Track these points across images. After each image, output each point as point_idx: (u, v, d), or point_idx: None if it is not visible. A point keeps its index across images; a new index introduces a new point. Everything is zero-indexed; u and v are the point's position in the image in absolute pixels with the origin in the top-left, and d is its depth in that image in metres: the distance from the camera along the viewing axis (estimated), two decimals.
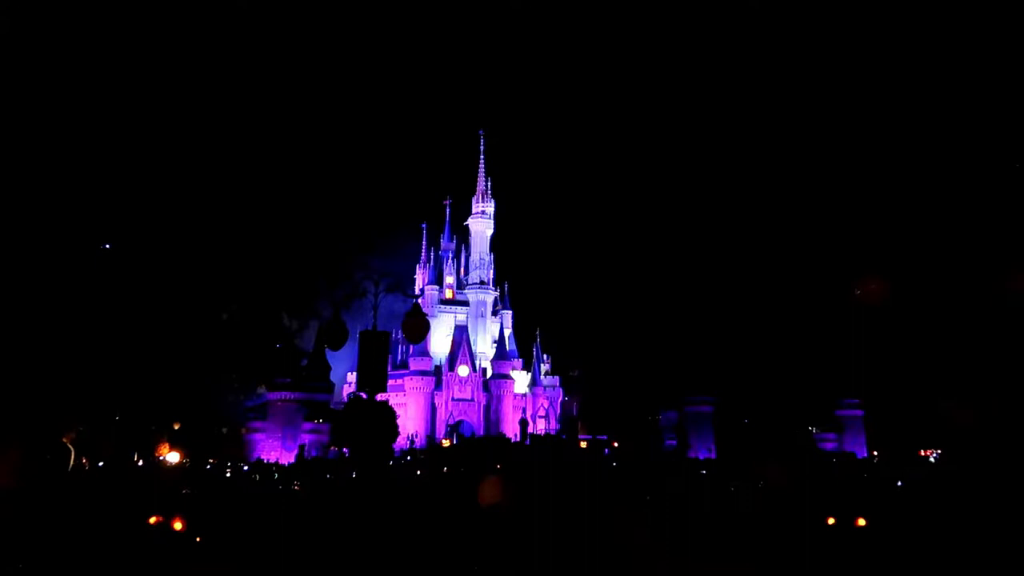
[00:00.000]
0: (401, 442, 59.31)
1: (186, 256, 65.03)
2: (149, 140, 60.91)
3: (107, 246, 47.90)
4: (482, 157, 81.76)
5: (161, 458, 44.55)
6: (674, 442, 65.81)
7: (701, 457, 52.70)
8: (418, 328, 15.45)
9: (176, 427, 53.88)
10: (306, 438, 60.34)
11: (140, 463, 43.98)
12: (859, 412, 67.26)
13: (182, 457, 44.46)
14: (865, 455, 57.50)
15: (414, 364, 69.74)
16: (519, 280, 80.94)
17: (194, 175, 68.41)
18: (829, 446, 63.50)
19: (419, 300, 72.41)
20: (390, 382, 64.79)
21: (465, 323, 74.77)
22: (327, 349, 58.37)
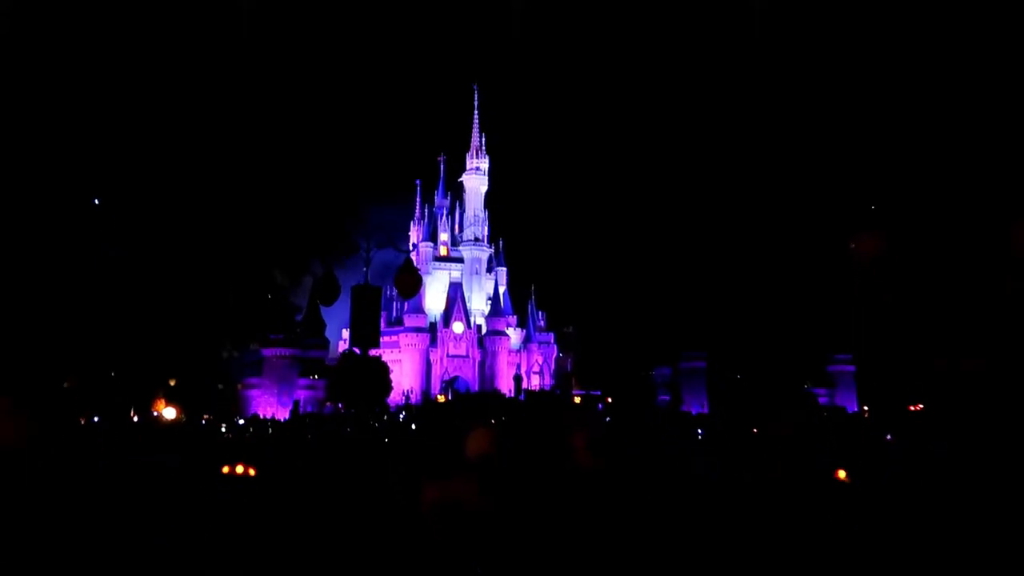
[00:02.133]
0: (396, 398, 59.78)
1: (179, 212, 64.53)
2: (137, 94, 59.90)
3: (96, 201, 47.43)
4: (476, 112, 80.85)
5: (157, 414, 44.79)
6: (667, 397, 66.45)
7: (694, 412, 53.23)
8: (410, 283, 15.36)
9: (172, 383, 54.07)
10: (301, 394, 60.73)
11: (136, 419, 44.22)
12: (851, 368, 67.93)
13: (178, 413, 44.70)
14: (856, 410, 58.15)
15: (409, 321, 69.91)
16: (514, 237, 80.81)
17: (187, 130, 67.50)
18: (821, 401, 64.23)
19: (412, 256, 72.32)
20: (385, 339, 65.03)
21: (460, 280, 74.82)
22: (321, 305, 58.35)
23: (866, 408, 57.70)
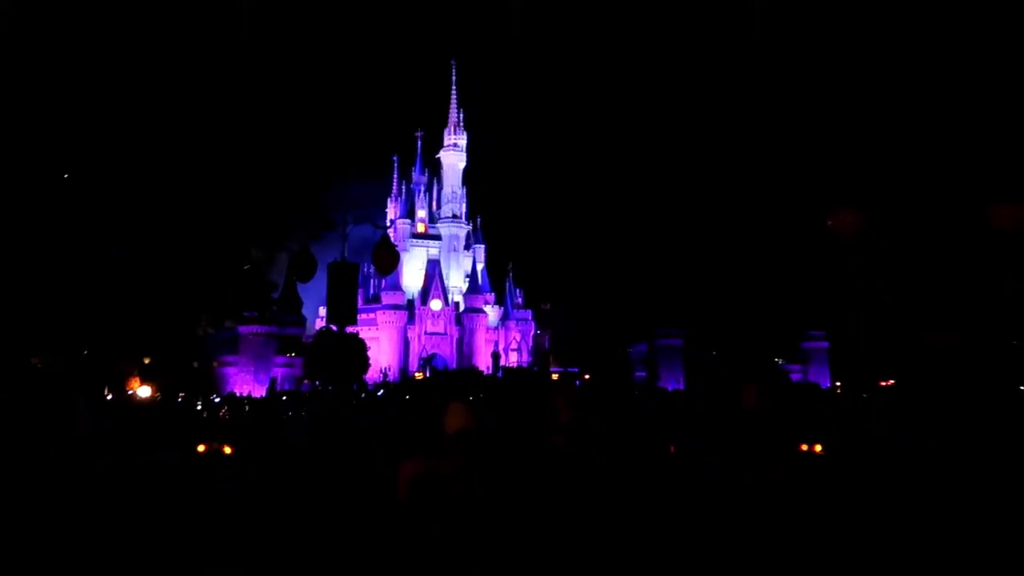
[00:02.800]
0: (374, 376, 59.71)
1: (153, 188, 63.50)
2: (110, 69, 58.59)
3: (66, 176, 46.50)
4: (454, 88, 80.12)
5: (132, 392, 44.35)
6: (644, 374, 67.03)
7: (670, 388, 53.78)
8: (388, 260, 15.25)
9: (147, 361, 53.53)
10: (278, 372, 60.46)
11: (110, 397, 43.76)
12: (824, 344, 68.96)
13: (154, 391, 44.30)
14: (829, 385, 59.07)
15: (386, 298, 69.68)
16: (492, 214, 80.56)
17: (160, 104, 66.21)
18: (795, 377, 65.15)
19: (390, 233, 71.86)
20: (363, 316, 64.83)
21: (438, 257, 74.60)
22: (298, 282, 57.88)
23: (839, 384, 58.64)
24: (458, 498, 3.76)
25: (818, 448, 4.42)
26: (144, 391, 44.40)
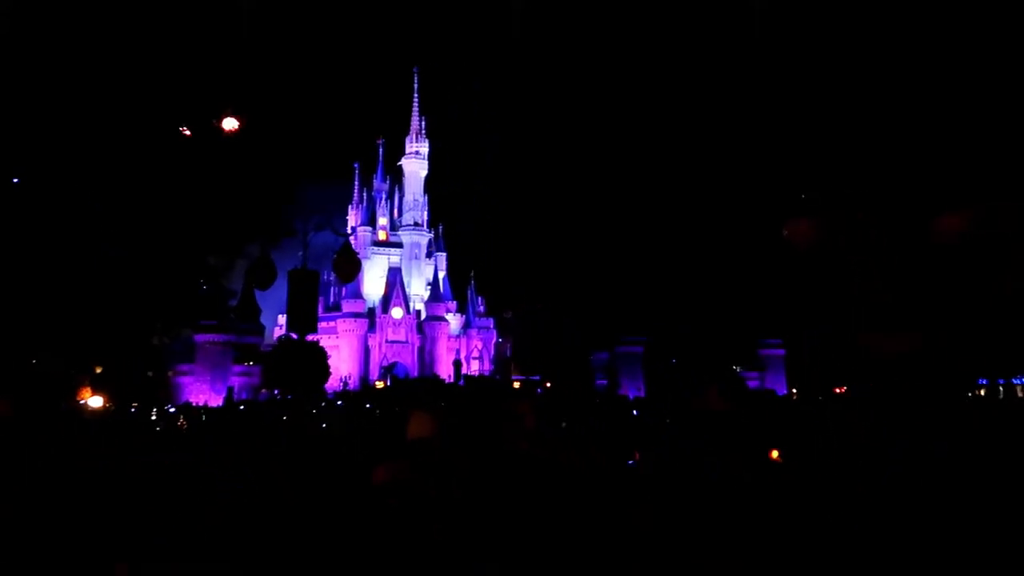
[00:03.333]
0: (334, 384, 59.05)
1: (108, 192, 62.04)
2: (63, 66, 57.17)
3: (16, 180, 45.20)
4: (416, 95, 79.96)
5: (83, 403, 43.17)
6: (605, 382, 67.50)
7: (631, 396, 54.22)
8: (349, 268, 15.14)
9: (98, 371, 52.17)
10: (235, 381, 59.45)
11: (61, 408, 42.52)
12: (780, 352, 70.28)
13: (106, 402, 43.18)
14: (785, 392, 60.16)
15: (347, 306, 69.04)
16: (454, 222, 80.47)
17: (116, 105, 64.75)
18: (752, 384, 66.23)
19: (351, 240, 71.29)
20: (323, 324, 64.11)
21: (399, 265, 74.18)
22: (257, 289, 56.91)
23: (795, 391, 59.79)
24: (435, 501, 3.77)
25: (774, 454, 4.50)
26: (96, 401, 43.22)
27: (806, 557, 3.43)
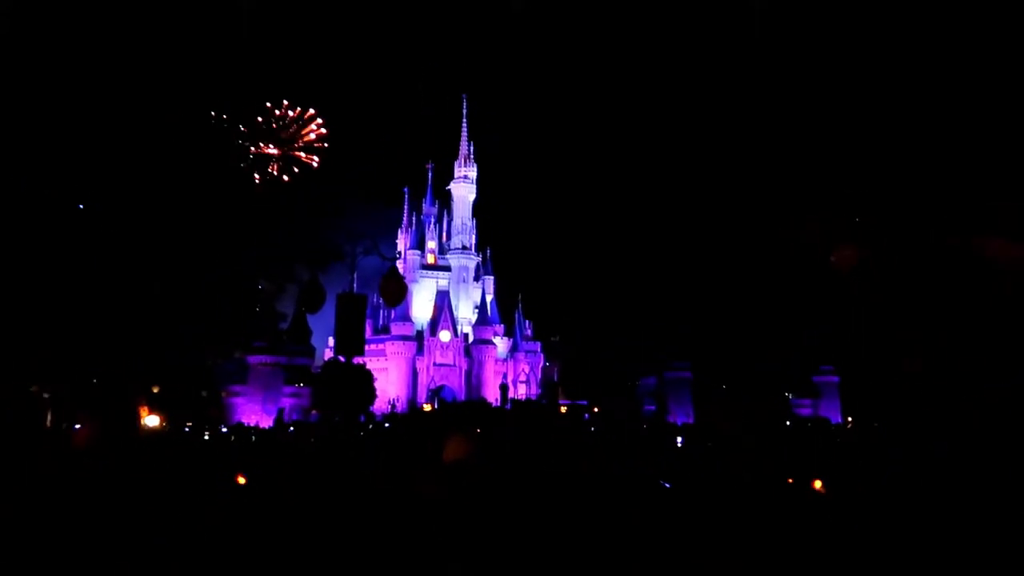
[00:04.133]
0: (382, 407, 59.57)
1: (165, 218, 64.17)
2: (125, 96, 59.65)
3: (81, 207, 47.12)
4: (465, 121, 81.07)
5: (142, 421, 44.36)
6: (653, 407, 66.60)
7: (679, 422, 53.39)
8: (395, 291, 15.37)
9: (155, 390, 53.65)
10: (286, 402, 60.40)
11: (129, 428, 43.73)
12: (834, 379, 68.39)
13: (162, 421, 44.37)
14: (839, 420, 58.52)
15: (396, 329, 69.74)
16: (501, 245, 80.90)
17: (174, 132, 67.18)
18: (805, 411, 64.60)
19: (400, 264, 72.23)
20: (372, 347, 64.88)
21: (447, 288, 74.74)
22: (307, 312, 58.03)
23: (850, 419, 58.14)
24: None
25: (817, 485, 4.41)
26: (152, 420, 44.48)
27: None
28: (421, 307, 72.80)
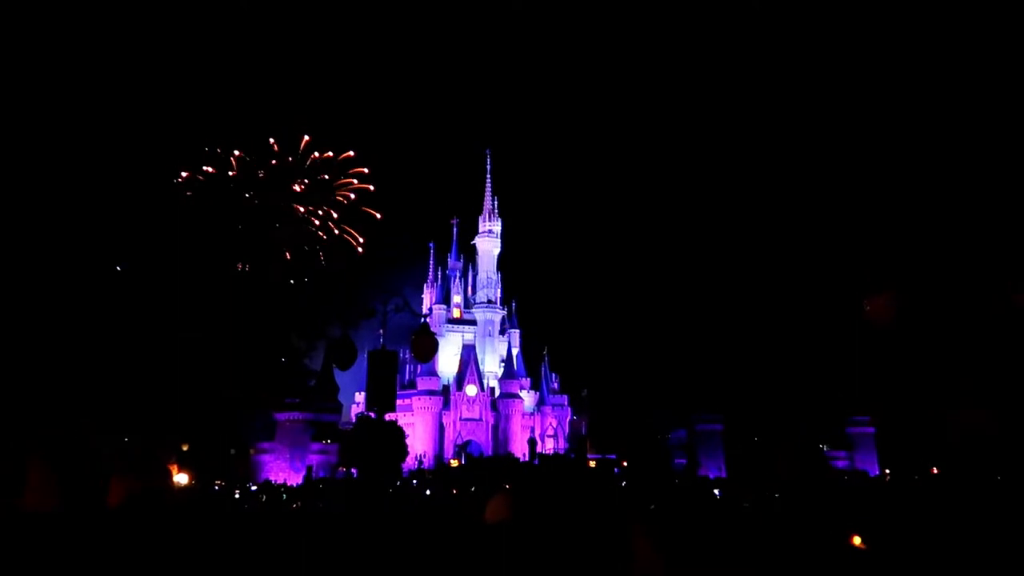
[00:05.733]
0: (410, 462, 59.18)
1: (197, 278, 65.40)
2: (166, 153, 61.59)
3: (119, 268, 48.27)
4: (488, 176, 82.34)
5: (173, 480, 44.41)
6: (684, 461, 65.43)
7: (712, 476, 52.33)
8: (427, 347, 15.50)
9: (184, 448, 53.89)
10: (314, 459, 60.25)
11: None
12: (870, 429, 66.76)
13: (191, 479, 44.42)
14: (877, 473, 57.00)
15: (422, 383, 69.71)
16: (527, 299, 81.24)
17: (205, 191, 68.99)
18: (841, 464, 62.99)
19: (427, 319, 72.57)
20: (398, 402, 64.77)
21: (473, 342, 74.83)
22: (335, 369, 58.38)
23: (888, 471, 56.59)
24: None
25: (857, 541, 4.39)
26: (182, 478, 44.53)
27: None
28: (447, 361, 72.83)
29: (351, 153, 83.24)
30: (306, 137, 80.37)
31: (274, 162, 79.96)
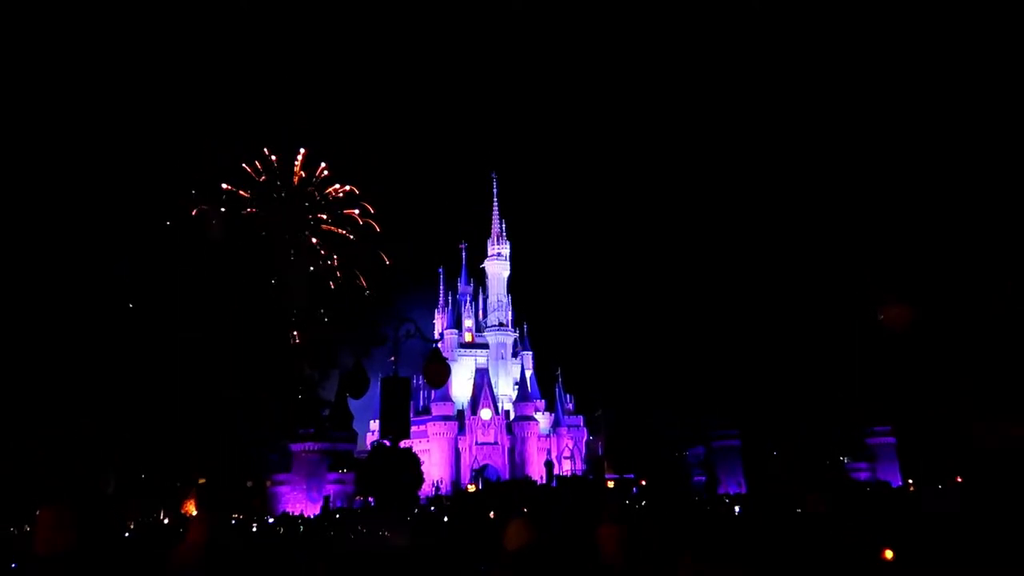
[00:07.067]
0: (426, 489, 58.83)
1: (206, 308, 65.65)
2: (177, 176, 62.16)
3: (130, 306, 48.54)
4: (495, 199, 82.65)
5: (188, 515, 44.40)
6: (703, 478, 64.75)
7: (731, 492, 51.74)
8: (440, 373, 15.44)
9: (201, 482, 53.79)
10: (331, 489, 60.00)
11: (166, 521, 43.86)
12: (891, 440, 65.86)
13: (209, 514, 44.17)
14: (900, 484, 56.18)
15: (436, 409, 69.50)
16: (538, 320, 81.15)
17: (220, 223, 69.43)
18: (862, 476, 62.18)
19: (439, 344, 72.54)
20: (414, 428, 64.56)
21: (486, 366, 74.68)
22: (349, 398, 58.13)
23: (911, 482, 55.76)
24: None
25: (888, 555, 4.29)
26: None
27: None
28: (460, 386, 72.65)
29: (354, 189, 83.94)
30: (323, 165, 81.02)
31: (283, 194, 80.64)
